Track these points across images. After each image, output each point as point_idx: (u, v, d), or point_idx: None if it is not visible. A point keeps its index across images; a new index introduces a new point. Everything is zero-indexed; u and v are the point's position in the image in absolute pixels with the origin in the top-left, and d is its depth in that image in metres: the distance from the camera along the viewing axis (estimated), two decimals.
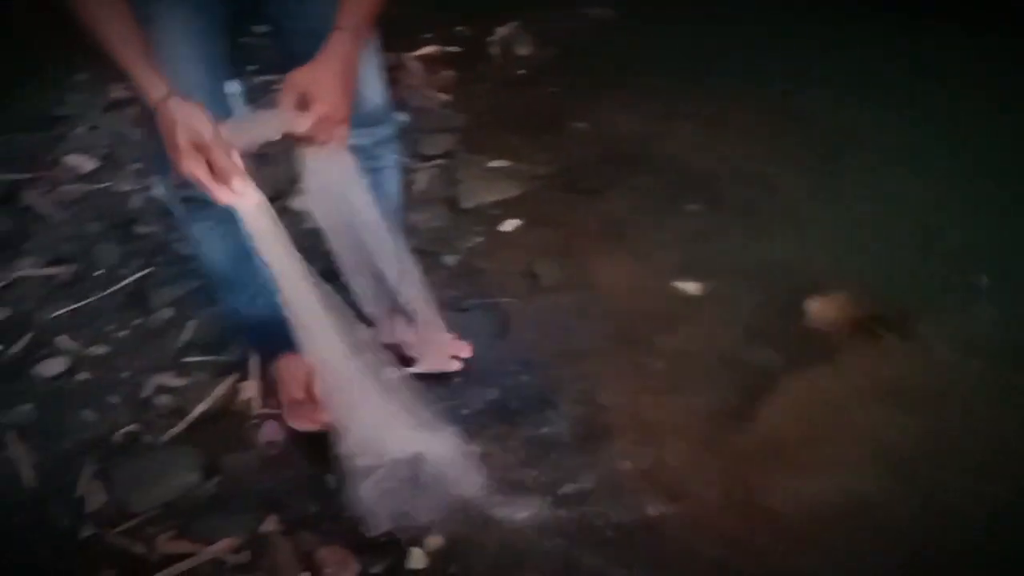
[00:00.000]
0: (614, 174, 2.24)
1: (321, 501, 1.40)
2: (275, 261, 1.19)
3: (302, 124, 1.19)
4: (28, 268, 2.07)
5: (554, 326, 1.76)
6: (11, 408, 1.66)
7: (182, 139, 1.11)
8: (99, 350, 1.80)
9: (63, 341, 1.83)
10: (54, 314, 1.91)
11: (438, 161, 2.39)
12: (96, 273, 2.04)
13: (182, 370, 1.72)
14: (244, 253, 1.35)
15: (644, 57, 2.90)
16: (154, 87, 1.13)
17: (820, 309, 1.72)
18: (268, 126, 1.20)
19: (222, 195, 1.14)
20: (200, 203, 1.27)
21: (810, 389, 1.54)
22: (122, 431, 1.59)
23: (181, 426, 1.59)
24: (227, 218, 1.21)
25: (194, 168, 1.12)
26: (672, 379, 1.60)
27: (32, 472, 1.52)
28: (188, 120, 1.11)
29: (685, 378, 1.59)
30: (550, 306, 1.81)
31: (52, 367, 1.75)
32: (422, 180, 2.30)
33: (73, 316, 1.91)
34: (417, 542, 1.31)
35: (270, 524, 1.37)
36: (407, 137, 2.34)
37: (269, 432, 1.55)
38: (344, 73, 1.20)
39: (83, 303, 1.94)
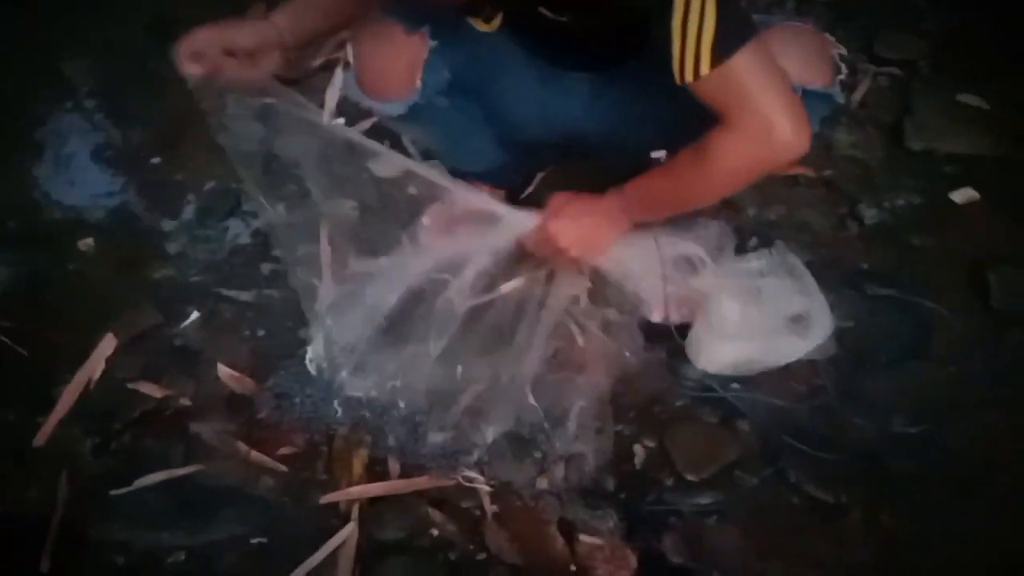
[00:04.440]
0: None
1: None
2: None
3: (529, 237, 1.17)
4: None
5: (998, 367, 1.25)
6: None
7: None
8: None
9: None
10: None
11: (891, 70, 1.79)
12: None
13: None
14: None
15: None
16: None
17: None
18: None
19: None
20: None
21: None
22: None
23: None
24: None
25: None
26: None
27: None
28: None
29: None
30: (1002, 338, 1.29)
31: None
32: (860, 90, 1.74)
33: None
34: None
35: None
36: (862, 30, 1.80)
37: None
38: (594, 230, 1.15)
39: None
